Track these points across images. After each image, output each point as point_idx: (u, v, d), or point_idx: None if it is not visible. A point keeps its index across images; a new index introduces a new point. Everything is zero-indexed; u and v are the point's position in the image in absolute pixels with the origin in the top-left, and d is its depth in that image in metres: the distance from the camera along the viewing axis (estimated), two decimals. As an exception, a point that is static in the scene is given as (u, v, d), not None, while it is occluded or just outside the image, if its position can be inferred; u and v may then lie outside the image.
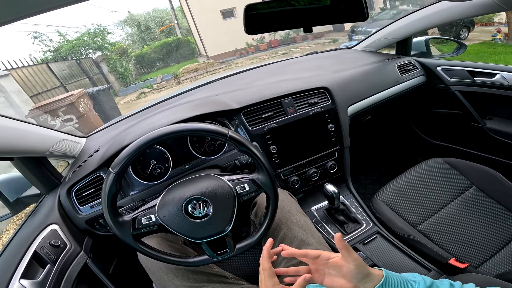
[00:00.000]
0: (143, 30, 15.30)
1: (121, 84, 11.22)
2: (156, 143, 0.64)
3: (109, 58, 11.05)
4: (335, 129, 1.12)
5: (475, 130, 1.37)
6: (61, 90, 8.06)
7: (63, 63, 9.17)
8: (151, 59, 12.97)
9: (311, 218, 1.05)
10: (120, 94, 10.56)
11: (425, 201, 1.04)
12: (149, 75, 12.50)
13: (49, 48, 10.90)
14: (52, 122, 5.19)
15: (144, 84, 10.54)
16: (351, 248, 0.52)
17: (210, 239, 0.69)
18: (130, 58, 12.28)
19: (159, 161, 0.95)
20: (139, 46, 14.61)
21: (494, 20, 7.42)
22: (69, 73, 8.95)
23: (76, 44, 11.12)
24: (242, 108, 1.02)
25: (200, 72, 10.24)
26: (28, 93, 6.68)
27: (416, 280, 0.50)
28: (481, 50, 5.79)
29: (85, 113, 5.44)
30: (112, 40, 12.95)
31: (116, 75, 11.05)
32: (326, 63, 1.50)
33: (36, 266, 0.76)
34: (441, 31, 7.15)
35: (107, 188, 0.63)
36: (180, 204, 0.67)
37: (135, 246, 0.68)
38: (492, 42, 6.36)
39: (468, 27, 7.07)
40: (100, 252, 0.98)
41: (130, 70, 11.71)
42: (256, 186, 0.71)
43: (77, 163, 1.01)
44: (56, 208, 0.89)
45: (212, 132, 0.66)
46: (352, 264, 0.51)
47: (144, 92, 9.77)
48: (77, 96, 5.29)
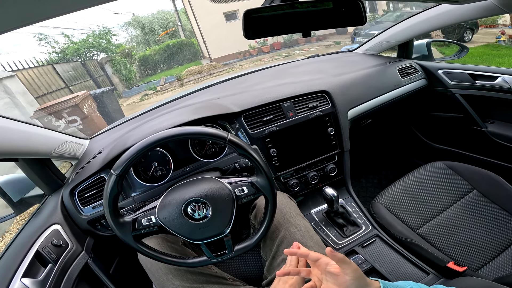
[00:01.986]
0: (147, 32, 15.41)
1: (125, 86, 11.29)
2: (157, 146, 0.65)
3: (114, 59, 11.14)
4: (335, 132, 1.13)
5: (477, 133, 1.36)
6: (66, 92, 8.12)
7: (68, 64, 9.24)
8: (155, 61, 13.05)
9: (310, 221, 1.06)
10: (124, 95, 10.62)
11: (425, 204, 1.04)
12: (152, 77, 12.56)
13: (55, 49, 10.98)
14: (56, 123, 5.24)
15: (147, 86, 10.59)
16: (348, 260, 0.52)
17: (209, 240, 0.70)
18: (134, 60, 12.38)
19: (161, 163, 0.96)
20: (143, 48, 14.70)
21: (499, 22, 7.36)
22: (74, 74, 9.01)
23: (81, 46, 11.21)
24: (242, 112, 1.03)
25: (203, 74, 10.27)
26: (33, 94, 6.73)
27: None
28: (485, 52, 5.73)
29: (89, 114, 5.49)
30: (116, 42, 13.06)
31: (120, 76, 11.12)
32: (327, 66, 1.50)
33: (37, 265, 0.77)
34: (444, 34, 7.12)
35: (108, 189, 0.64)
36: (180, 206, 0.68)
37: (135, 246, 0.69)
38: (496, 44, 6.30)
39: (472, 29, 7.01)
40: (101, 252, 1.00)
41: (134, 71, 11.79)
42: (255, 189, 0.72)
43: (80, 164, 1.02)
44: (59, 208, 0.91)
45: (212, 136, 0.67)
46: (349, 276, 0.50)
47: (147, 94, 9.81)
48: (81, 98, 5.34)
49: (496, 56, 5.49)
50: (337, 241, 1.00)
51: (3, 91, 5.85)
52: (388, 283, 0.52)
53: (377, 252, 0.94)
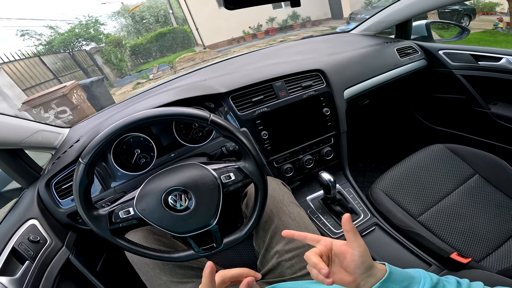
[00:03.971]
0: (137, 21, 14.98)
1: (117, 75, 11.07)
2: (129, 130, 0.58)
3: (103, 49, 10.85)
4: (330, 113, 1.06)
5: (479, 115, 1.31)
6: (55, 83, 7.96)
7: (56, 56, 9.04)
8: (147, 49, 12.75)
9: (306, 209, 1.00)
10: (116, 85, 10.44)
11: (426, 190, 0.99)
12: (145, 65, 12.31)
13: (41, 42, 10.66)
14: (45, 114, 5.13)
15: (140, 74, 10.41)
16: (358, 233, 0.47)
17: (194, 233, 0.64)
18: (125, 49, 12.06)
19: (144, 150, 0.89)
20: (134, 37, 14.32)
21: (496, 9, 7.28)
22: (63, 65, 8.83)
23: (68, 37, 10.88)
24: (230, 92, 0.96)
25: (196, 61, 10.10)
26: (21, 86, 6.62)
27: (422, 277, 0.45)
28: (482, 39, 5.70)
29: (79, 104, 5.38)
30: (105, 32, 12.67)
31: (111, 66, 10.88)
32: (321, 46, 1.43)
33: (15, 262, 0.73)
34: (441, 19, 7.02)
35: (78, 180, 0.58)
36: (159, 196, 0.62)
37: (114, 241, 0.64)
38: (493, 31, 6.23)
39: (470, 16, 6.93)
40: (86, 247, 0.94)
41: (125, 61, 11.52)
42: (243, 175, 0.65)
43: (57, 154, 0.96)
44: (35, 202, 0.85)
45: (192, 117, 0.59)
46: (357, 250, 0.45)
47: (140, 83, 9.65)
48: (69, 88, 5.22)
49: (493, 42, 5.45)
50: (334, 230, 0.95)
51: (-11, 85, 5.70)
52: (395, 267, 0.46)
53: (376, 241, 0.90)
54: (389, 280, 0.44)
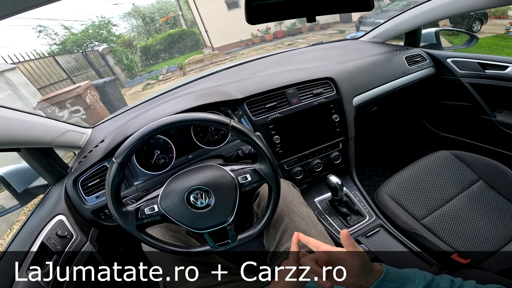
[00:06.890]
0: (148, 22, 15.19)
1: (127, 76, 11.21)
2: (158, 133, 0.64)
3: (115, 50, 11.03)
4: (339, 119, 1.11)
5: (485, 122, 1.34)
6: (68, 82, 8.10)
7: (70, 55, 9.18)
8: (156, 50, 12.91)
9: (314, 209, 1.05)
10: (126, 85, 10.57)
11: (431, 194, 1.02)
12: (154, 66, 12.44)
13: (55, 41, 10.83)
14: (60, 113, 5.25)
15: (149, 75, 10.51)
16: (357, 245, 0.53)
17: (212, 229, 0.69)
18: (135, 50, 12.25)
19: (163, 151, 0.95)
20: (144, 38, 14.52)
21: (508, 13, 7.17)
22: (76, 65, 8.97)
23: (81, 37, 11.09)
24: (245, 98, 1.02)
25: (205, 63, 10.17)
26: (35, 85, 6.72)
27: (417, 276, 0.50)
28: (494, 43, 5.64)
29: (92, 104, 5.49)
30: (117, 33, 12.90)
31: (122, 66, 11.03)
32: (332, 53, 1.47)
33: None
34: (453, 24, 6.95)
35: (110, 178, 0.64)
36: (182, 195, 0.67)
37: (138, 236, 0.69)
38: (505, 35, 6.16)
39: (481, 20, 6.84)
40: (106, 242, 1.00)
41: (136, 61, 11.68)
42: (258, 177, 0.70)
43: (83, 153, 1.01)
44: (63, 198, 0.91)
45: (214, 122, 0.65)
46: (358, 260, 0.51)
47: (150, 83, 9.75)
48: (83, 88, 5.34)
49: (505, 47, 5.41)
50: (341, 230, 0.99)
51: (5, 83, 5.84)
52: (391, 267, 0.52)
53: (380, 242, 0.94)
54: (385, 279, 0.50)
